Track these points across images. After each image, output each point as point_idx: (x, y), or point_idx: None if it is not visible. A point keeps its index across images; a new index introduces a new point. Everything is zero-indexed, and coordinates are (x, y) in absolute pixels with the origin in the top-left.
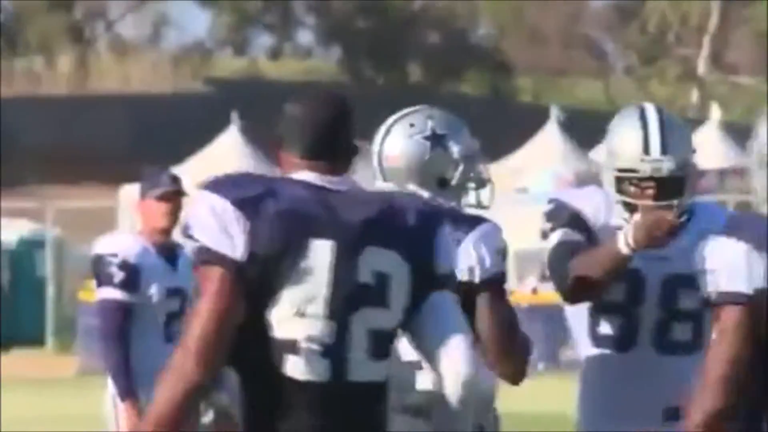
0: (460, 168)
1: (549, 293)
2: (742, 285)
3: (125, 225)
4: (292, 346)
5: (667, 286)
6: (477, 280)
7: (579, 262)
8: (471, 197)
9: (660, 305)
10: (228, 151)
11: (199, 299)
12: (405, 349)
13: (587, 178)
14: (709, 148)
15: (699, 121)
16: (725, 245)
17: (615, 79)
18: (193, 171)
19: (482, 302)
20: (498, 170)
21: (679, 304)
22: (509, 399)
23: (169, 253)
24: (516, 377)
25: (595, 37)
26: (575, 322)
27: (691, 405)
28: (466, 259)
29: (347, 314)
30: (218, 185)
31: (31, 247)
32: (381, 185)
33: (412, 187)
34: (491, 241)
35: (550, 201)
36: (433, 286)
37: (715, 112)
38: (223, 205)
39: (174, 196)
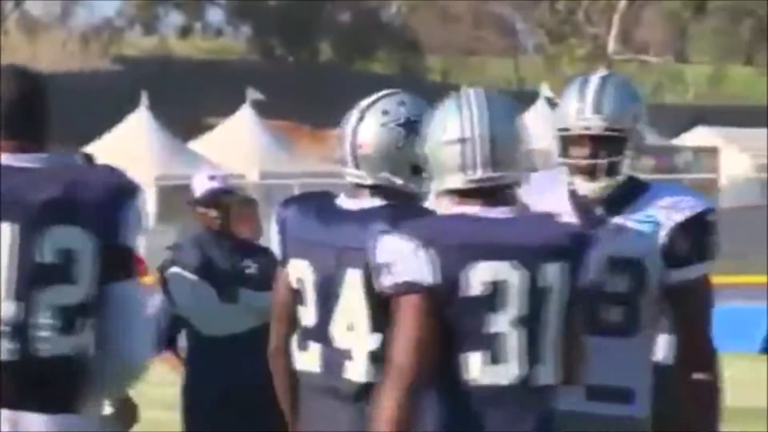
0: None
1: None
2: (418, 275)
3: None
4: None
5: (596, 269)
6: None
7: None
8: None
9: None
10: (137, 130)
11: None
12: (338, 336)
13: None
14: None
15: None
16: (394, 242)
17: (525, 57)
18: (102, 149)
19: None
20: None
21: (608, 287)
22: None
23: None
24: None
25: (505, 15)
26: None
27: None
28: None
29: (33, 293)
30: None
31: None
32: (352, 172)
33: (384, 175)
34: None
35: None
36: (118, 259)
37: None
38: None
39: None
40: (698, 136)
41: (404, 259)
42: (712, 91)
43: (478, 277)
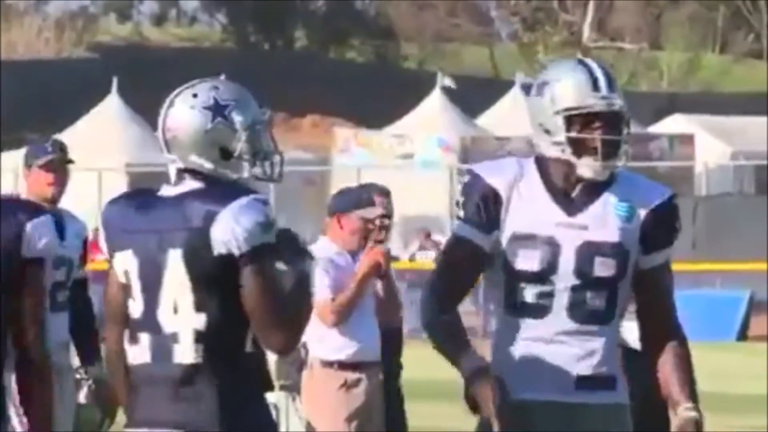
0: (243, 139)
1: (427, 261)
2: None
3: (6, 191)
4: None
5: (582, 254)
6: (236, 253)
7: (440, 326)
8: (257, 169)
9: (574, 273)
10: (107, 116)
11: None
12: (165, 322)
13: (472, 145)
14: None
15: None
16: None
17: (500, 45)
18: (73, 136)
19: (244, 275)
20: (384, 136)
21: (594, 273)
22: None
23: (56, 222)
24: (283, 348)
25: (480, 3)
26: (490, 287)
27: None
28: (222, 233)
29: None
30: None
31: None
32: (167, 157)
33: (194, 158)
34: (248, 213)
35: (468, 172)
36: None
37: None
38: None
39: (61, 164)
40: (674, 124)
41: None
42: (686, 78)
43: None
